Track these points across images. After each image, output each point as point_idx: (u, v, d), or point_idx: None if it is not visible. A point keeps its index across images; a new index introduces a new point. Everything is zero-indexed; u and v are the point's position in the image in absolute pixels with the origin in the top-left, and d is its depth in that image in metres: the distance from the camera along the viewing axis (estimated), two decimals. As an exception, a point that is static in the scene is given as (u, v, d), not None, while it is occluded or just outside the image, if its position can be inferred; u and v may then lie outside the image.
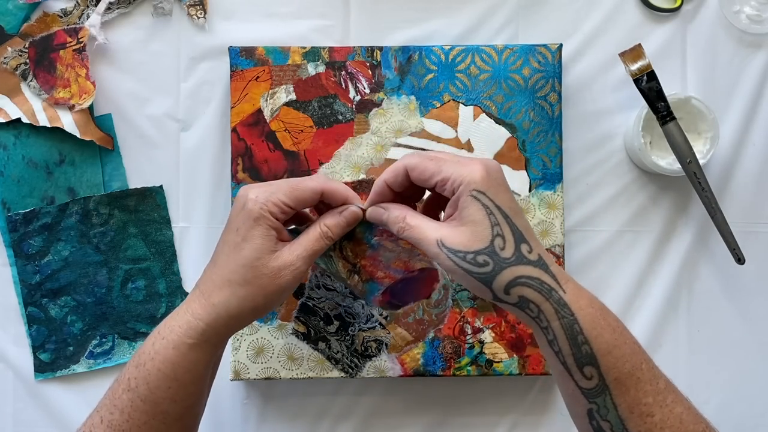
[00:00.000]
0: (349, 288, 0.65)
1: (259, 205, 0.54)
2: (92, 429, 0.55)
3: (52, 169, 0.77)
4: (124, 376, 0.55)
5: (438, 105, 0.75)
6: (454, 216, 0.52)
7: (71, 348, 0.76)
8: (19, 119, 0.76)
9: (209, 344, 0.54)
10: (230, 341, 0.71)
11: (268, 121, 0.74)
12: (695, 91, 0.78)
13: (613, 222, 0.78)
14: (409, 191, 0.58)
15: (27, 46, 0.76)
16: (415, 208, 0.58)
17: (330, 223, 0.57)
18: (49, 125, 0.76)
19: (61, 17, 0.76)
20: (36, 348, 0.76)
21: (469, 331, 0.74)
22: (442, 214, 0.56)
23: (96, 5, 0.76)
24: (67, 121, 0.76)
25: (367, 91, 0.75)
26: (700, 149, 0.75)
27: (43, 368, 0.76)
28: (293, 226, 0.62)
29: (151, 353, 0.54)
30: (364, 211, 0.59)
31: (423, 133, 0.74)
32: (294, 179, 0.58)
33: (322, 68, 0.75)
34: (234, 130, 0.74)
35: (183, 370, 0.54)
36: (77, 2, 0.77)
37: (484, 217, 0.50)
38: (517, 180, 0.74)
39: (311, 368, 0.73)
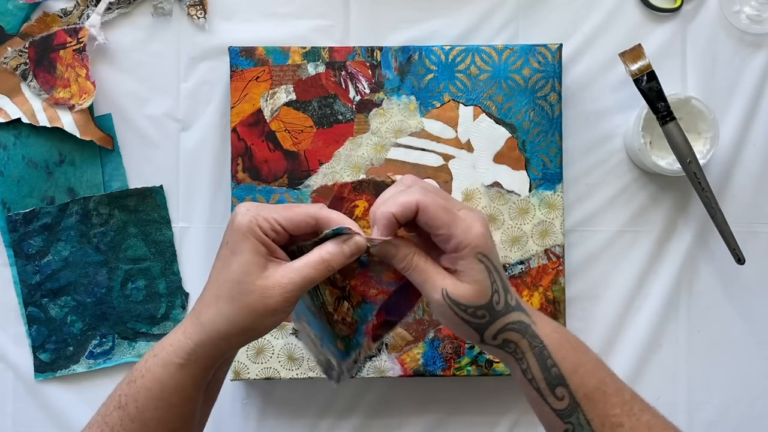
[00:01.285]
0: (332, 330, 0.58)
1: (248, 218, 0.52)
2: None
3: (52, 169, 0.77)
4: (117, 392, 0.54)
5: (438, 105, 0.75)
6: (454, 268, 0.53)
7: (71, 348, 0.76)
8: (19, 119, 0.76)
9: (198, 365, 0.53)
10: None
11: (268, 121, 0.74)
12: (695, 91, 0.78)
13: (613, 222, 0.78)
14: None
15: (27, 46, 0.76)
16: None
17: (332, 251, 0.53)
18: (49, 125, 0.76)
19: (61, 17, 0.76)
20: (36, 348, 0.76)
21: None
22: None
23: (96, 5, 0.76)
24: (67, 121, 0.76)
25: (367, 91, 0.75)
26: (700, 149, 0.74)
27: (43, 368, 0.76)
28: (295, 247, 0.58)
29: (143, 371, 0.53)
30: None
31: (423, 133, 0.74)
32: (292, 203, 0.57)
33: (322, 68, 0.75)
34: (234, 130, 0.74)
35: (170, 390, 0.52)
36: (77, 2, 0.77)
37: (486, 278, 0.53)
38: (517, 180, 0.74)
39: (311, 368, 0.73)
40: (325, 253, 0.53)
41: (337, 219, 0.54)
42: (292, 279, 0.52)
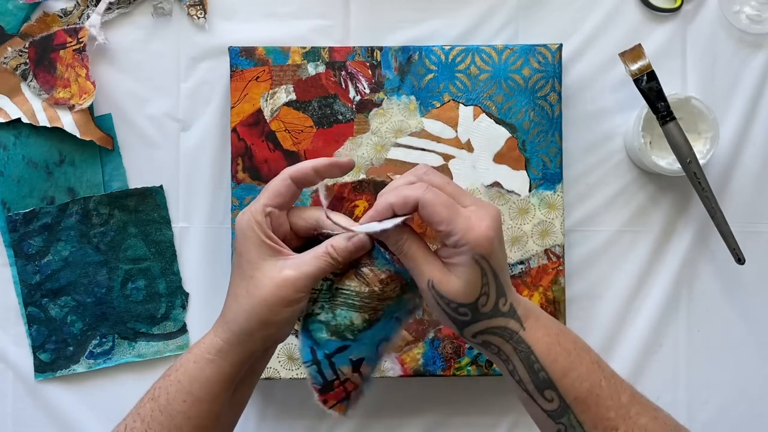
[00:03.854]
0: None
1: (245, 219, 0.55)
2: None
3: (52, 169, 0.77)
4: (154, 385, 0.57)
5: (438, 105, 0.75)
6: (449, 261, 0.53)
7: (71, 348, 0.76)
8: (19, 119, 0.76)
9: (226, 362, 0.55)
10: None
11: (268, 121, 0.74)
12: (695, 91, 0.78)
13: (613, 222, 0.78)
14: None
15: (27, 46, 0.76)
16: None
17: (337, 245, 0.55)
18: (49, 125, 0.76)
19: (61, 17, 0.76)
20: (36, 348, 0.76)
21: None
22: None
23: (96, 5, 0.76)
24: (67, 121, 0.76)
25: (367, 91, 0.75)
26: (700, 149, 0.74)
27: (43, 368, 0.76)
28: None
29: (177, 365, 0.56)
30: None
31: (423, 133, 0.74)
32: (265, 186, 0.58)
33: (322, 68, 0.75)
34: (234, 130, 0.74)
35: (199, 385, 0.55)
36: (77, 2, 0.77)
37: (478, 280, 0.52)
38: (517, 180, 0.74)
39: (311, 368, 0.73)
40: (329, 246, 0.55)
41: (308, 164, 0.56)
42: (302, 270, 0.54)
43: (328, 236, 0.56)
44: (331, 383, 0.57)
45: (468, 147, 0.74)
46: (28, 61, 0.76)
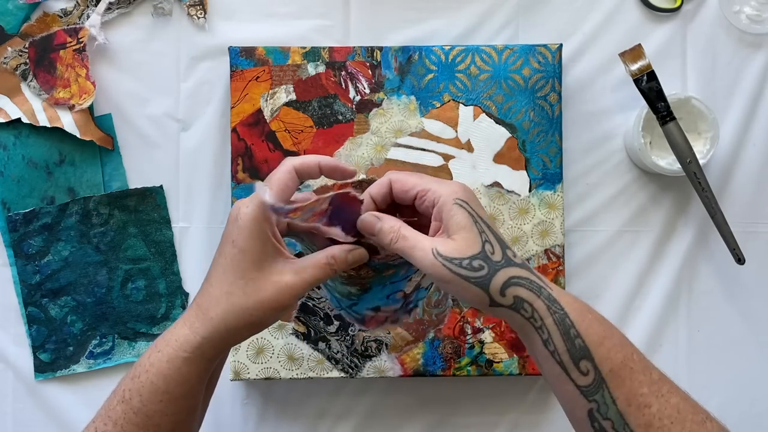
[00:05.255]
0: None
1: (251, 210, 0.53)
2: None
3: (52, 169, 0.77)
4: (120, 387, 0.55)
5: (438, 105, 0.75)
6: (442, 229, 0.53)
7: (71, 348, 0.76)
8: (19, 119, 0.76)
9: (204, 358, 0.54)
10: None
11: (268, 121, 0.74)
12: (695, 91, 0.78)
13: (613, 222, 0.78)
14: (392, 209, 0.57)
15: (27, 46, 0.76)
16: None
17: (338, 257, 0.55)
18: (49, 125, 0.76)
19: (61, 17, 0.76)
20: (36, 348, 0.76)
21: (469, 331, 0.74)
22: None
23: (96, 5, 0.76)
24: (67, 121, 0.76)
25: (367, 91, 0.75)
26: (700, 149, 0.75)
27: (43, 368, 0.76)
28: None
29: (147, 365, 0.54)
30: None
31: (423, 133, 0.74)
32: (268, 177, 0.57)
33: (322, 68, 0.75)
34: (234, 130, 0.74)
35: (175, 384, 0.53)
36: (77, 2, 0.77)
37: (472, 225, 0.51)
38: (517, 180, 0.74)
39: (311, 368, 0.74)
40: (330, 257, 0.54)
41: (312, 159, 0.56)
42: (303, 278, 0.53)
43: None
44: (362, 318, 0.60)
45: (468, 147, 0.74)
46: (28, 61, 0.76)
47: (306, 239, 0.57)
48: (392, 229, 0.54)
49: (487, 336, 0.74)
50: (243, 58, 0.74)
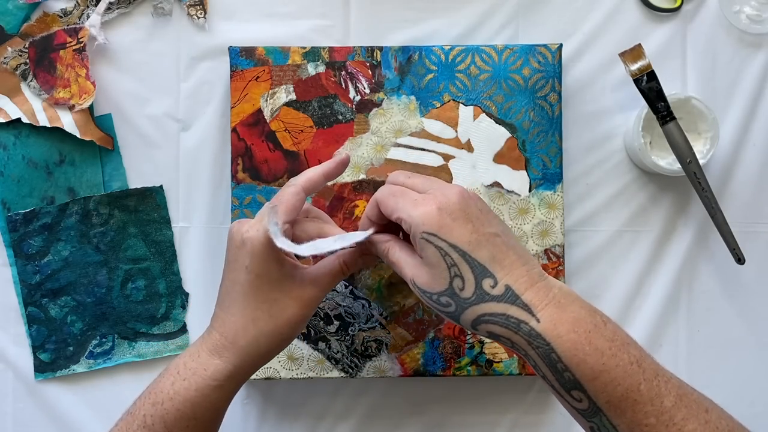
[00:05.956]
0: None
1: (260, 235, 0.52)
2: None
3: (52, 169, 0.77)
4: (139, 411, 0.54)
5: (438, 105, 0.75)
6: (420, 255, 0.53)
7: (71, 348, 0.76)
8: (19, 119, 0.76)
9: (234, 383, 0.54)
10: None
11: (268, 121, 0.74)
12: (695, 91, 0.78)
13: (613, 222, 0.78)
14: (389, 221, 0.57)
15: (27, 46, 0.76)
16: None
17: (351, 263, 0.57)
18: (49, 125, 0.76)
19: (61, 17, 0.76)
20: (36, 348, 0.76)
21: (469, 332, 0.74)
22: None
23: (96, 5, 0.76)
24: (67, 121, 0.76)
25: (367, 91, 0.75)
26: (700, 149, 0.75)
27: (43, 368, 0.76)
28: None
29: (170, 393, 0.53)
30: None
31: (423, 133, 0.74)
32: (274, 198, 0.57)
33: (322, 68, 0.75)
34: (234, 130, 0.74)
35: (203, 410, 0.53)
36: (77, 2, 0.77)
37: (439, 260, 0.49)
38: (517, 180, 0.74)
39: (311, 368, 0.74)
40: (343, 264, 0.56)
41: (317, 172, 0.59)
42: (321, 287, 0.55)
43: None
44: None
45: (468, 147, 0.74)
46: (28, 61, 0.76)
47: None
48: (384, 250, 0.55)
49: (487, 336, 0.74)
50: (243, 58, 0.74)
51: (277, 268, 0.53)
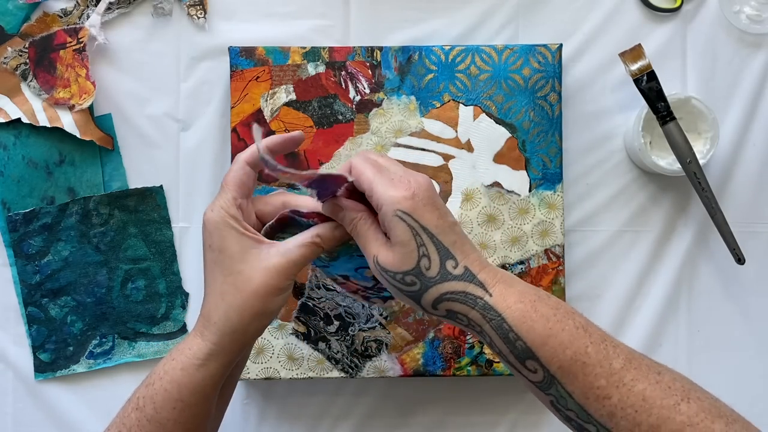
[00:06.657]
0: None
1: (216, 214, 0.55)
2: None
3: (52, 169, 0.77)
4: (135, 395, 0.56)
5: (438, 105, 0.75)
6: (386, 232, 0.53)
7: (71, 348, 0.76)
8: (19, 119, 0.76)
9: (216, 363, 0.54)
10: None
11: (268, 121, 0.74)
12: (695, 91, 0.78)
13: (613, 222, 0.78)
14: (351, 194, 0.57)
15: (27, 46, 0.76)
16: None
17: (324, 234, 0.56)
18: (49, 125, 0.76)
19: (61, 17, 0.76)
20: (36, 348, 0.76)
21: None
22: None
23: (96, 5, 0.76)
24: (67, 121, 0.76)
25: (367, 91, 0.75)
26: (700, 149, 0.75)
27: (43, 368, 0.76)
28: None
29: (161, 373, 0.55)
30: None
31: (423, 133, 0.74)
32: (224, 178, 0.58)
33: (322, 68, 0.75)
34: (234, 130, 0.74)
35: (188, 391, 0.54)
36: (77, 2, 0.77)
37: (410, 239, 0.51)
38: (517, 180, 0.74)
39: (311, 368, 0.74)
40: (315, 236, 0.55)
41: (279, 139, 0.57)
42: (290, 258, 0.54)
43: (293, 218, 0.56)
44: (336, 281, 0.62)
45: (468, 147, 0.74)
46: (28, 61, 0.76)
47: (289, 235, 0.57)
48: (351, 221, 0.54)
49: (487, 336, 0.74)
50: (243, 58, 0.74)
51: (236, 241, 0.54)
